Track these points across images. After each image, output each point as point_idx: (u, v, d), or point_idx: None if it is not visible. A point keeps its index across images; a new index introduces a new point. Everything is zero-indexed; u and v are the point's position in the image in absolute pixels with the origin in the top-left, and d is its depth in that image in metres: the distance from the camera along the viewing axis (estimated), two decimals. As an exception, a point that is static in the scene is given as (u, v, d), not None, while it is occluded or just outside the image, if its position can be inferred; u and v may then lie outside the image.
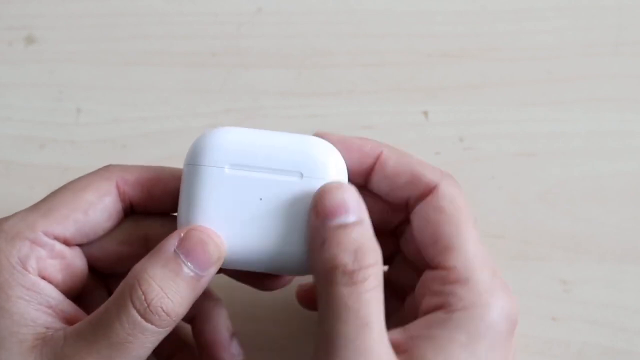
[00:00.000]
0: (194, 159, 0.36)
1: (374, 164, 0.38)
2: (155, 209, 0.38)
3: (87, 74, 0.50)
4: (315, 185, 0.35)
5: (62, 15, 0.50)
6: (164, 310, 0.33)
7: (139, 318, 0.33)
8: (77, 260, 0.37)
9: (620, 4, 0.50)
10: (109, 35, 0.50)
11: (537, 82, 0.49)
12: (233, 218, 0.35)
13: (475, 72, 0.49)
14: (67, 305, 0.36)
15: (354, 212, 0.35)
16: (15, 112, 0.49)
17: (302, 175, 0.35)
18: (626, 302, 0.47)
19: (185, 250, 0.34)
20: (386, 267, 0.43)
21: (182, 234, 0.35)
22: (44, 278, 0.36)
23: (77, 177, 0.38)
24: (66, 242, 0.37)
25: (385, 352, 0.34)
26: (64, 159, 0.49)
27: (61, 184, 0.40)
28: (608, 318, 0.47)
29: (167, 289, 0.34)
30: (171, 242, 0.34)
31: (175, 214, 0.37)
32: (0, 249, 0.35)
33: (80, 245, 0.38)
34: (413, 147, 0.48)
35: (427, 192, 0.38)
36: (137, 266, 0.34)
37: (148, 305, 0.33)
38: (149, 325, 0.33)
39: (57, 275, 0.36)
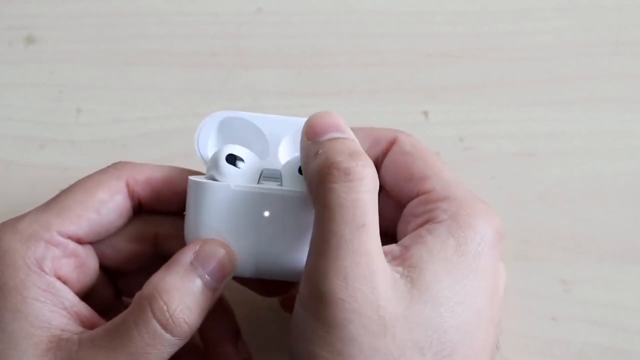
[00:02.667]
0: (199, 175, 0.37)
1: None
2: (163, 208, 0.39)
3: (87, 74, 0.50)
4: None
5: (62, 15, 0.50)
6: (186, 322, 0.34)
7: (160, 329, 0.34)
8: (89, 259, 0.38)
9: (620, 4, 0.50)
10: (109, 35, 0.50)
11: (537, 82, 0.49)
12: (240, 230, 0.36)
13: (475, 72, 0.49)
14: (82, 308, 0.36)
15: (346, 130, 0.35)
16: (15, 112, 0.49)
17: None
18: (626, 302, 0.47)
19: (201, 262, 0.35)
20: None
21: (197, 247, 0.35)
22: (59, 278, 0.36)
23: (77, 177, 0.38)
24: (79, 241, 0.37)
25: (380, 254, 0.33)
26: (64, 159, 0.49)
27: (61, 184, 0.40)
28: (608, 318, 0.47)
29: (188, 301, 0.34)
30: (187, 254, 0.35)
31: (184, 213, 0.38)
32: (16, 250, 0.35)
33: (91, 244, 0.38)
34: (413, 147, 0.48)
35: (389, 146, 0.39)
36: (155, 278, 0.35)
37: (171, 317, 0.34)
38: (169, 336, 0.34)
39: (71, 274, 0.37)
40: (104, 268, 0.39)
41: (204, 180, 0.36)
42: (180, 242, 0.38)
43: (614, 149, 0.48)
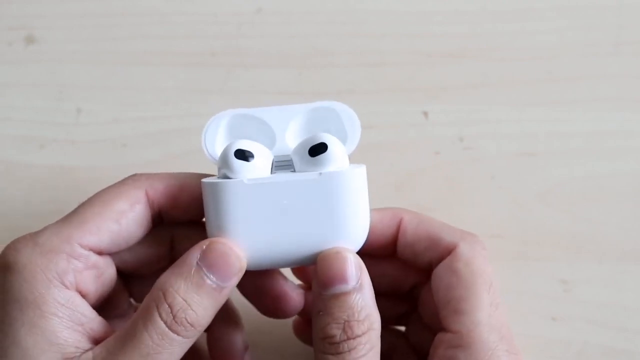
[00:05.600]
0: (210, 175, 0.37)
1: (397, 233, 0.40)
2: (183, 217, 0.39)
3: (87, 74, 0.50)
4: (334, 175, 0.35)
5: (62, 15, 0.50)
6: (188, 322, 0.34)
7: (167, 329, 0.34)
8: (108, 269, 0.38)
9: (620, 4, 0.50)
10: (109, 35, 0.50)
11: (537, 82, 0.49)
12: (259, 223, 0.36)
13: (475, 72, 0.49)
14: (97, 324, 0.36)
15: (350, 279, 0.35)
16: (15, 112, 0.49)
17: (320, 173, 0.36)
18: (626, 302, 0.47)
19: (207, 262, 0.35)
20: (403, 328, 0.44)
21: (204, 247, 0.35)
22: (79, 291, 0.36)
23: (77, 177, 0.39)
24: (99, 253, 0.37)
25: None
26: (64, 159, 0.49)
27: (61, 184, 0.40)
28: (608, 318, 0.47)
29: (191, 301, 0.34)
30: (194, 254, 0.35)
31: (203, 219, 0.38)
32: (36, 263, 0.35)
33: (110, 254, 0.38)
34: (413, 147, 0.48)
35: (446, 254, 0.38)
36: (162, 278, 0.35)
37: (174, 317, 0.34)
38: (175, 336, 0.34)
39: (91, 286, 0.37)
40: (120, 273, 0.39)
41: (216, 180, 0.36)
42: (195, 242, 0.38)
43: (614, 149, 0.48)
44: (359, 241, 0.37)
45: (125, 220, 0.37)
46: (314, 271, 0.36)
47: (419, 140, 0.49)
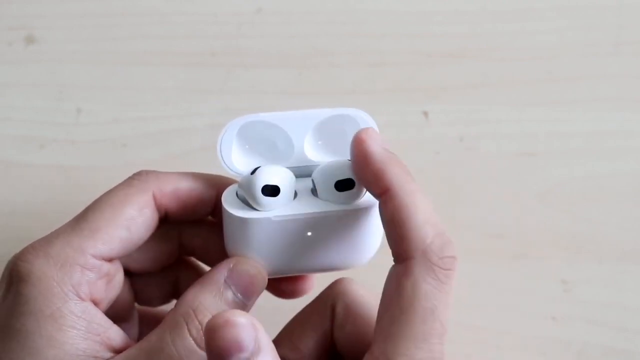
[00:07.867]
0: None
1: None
2: (189, 217, 0.39)
3: (87, 74, 0.50)
4: (361, 210, 0.36)
5: (62, 15, 0.50)
6: None
7: (195, 346, 0.34)
8: (118, 274, 0.38)
9: (620, 4, 0.50)
10: (109, 35, 0.50)
11: (537, 82, 0.49)
12: (280, 251, 0.36)
13: (475, 72, 0.49)
14: (113, 333, 0.36)
15: (247, 346, 0.32)
16: (15, 112, 0.49)
17: (345, 211, 0.36)
18: (626, 302, 0.47)
19: (234, 280, 0.35)
20: None
21: (230, 265, 0.36)
22: (92, 300, 0.36)
23: (77, 177, 0.38)
24: (110, 260, 0.37)
25: None
26: (64, 159, 0.49)
27: (61, 184, 0.40)
28: (608, 318, 0.47)
29: None
30: (222, 272, 0.36)
31: (209, 218, 0.38)
32: (52, 276, 0.34)
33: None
34: (413, 147, 0.48)
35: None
36: (189, 295, 0.35)
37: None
38: (203, 353, 0.34)
39: (102, 294, 0.36)
40: (127, 272, 0.39)
41: (242, 215, 0.36)
42: (203, 239, 0.39)
43: (614, 149, 0.48)
44: (372, 255, 0.38)
45: (135, 226, 0.37)
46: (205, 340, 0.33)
47: (419, 140, 0.49)
